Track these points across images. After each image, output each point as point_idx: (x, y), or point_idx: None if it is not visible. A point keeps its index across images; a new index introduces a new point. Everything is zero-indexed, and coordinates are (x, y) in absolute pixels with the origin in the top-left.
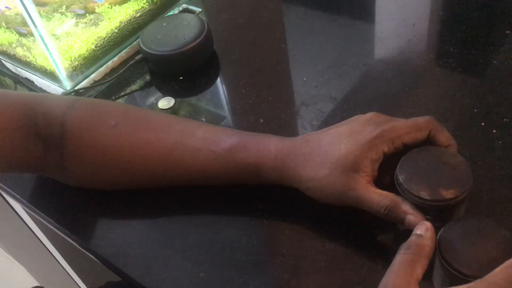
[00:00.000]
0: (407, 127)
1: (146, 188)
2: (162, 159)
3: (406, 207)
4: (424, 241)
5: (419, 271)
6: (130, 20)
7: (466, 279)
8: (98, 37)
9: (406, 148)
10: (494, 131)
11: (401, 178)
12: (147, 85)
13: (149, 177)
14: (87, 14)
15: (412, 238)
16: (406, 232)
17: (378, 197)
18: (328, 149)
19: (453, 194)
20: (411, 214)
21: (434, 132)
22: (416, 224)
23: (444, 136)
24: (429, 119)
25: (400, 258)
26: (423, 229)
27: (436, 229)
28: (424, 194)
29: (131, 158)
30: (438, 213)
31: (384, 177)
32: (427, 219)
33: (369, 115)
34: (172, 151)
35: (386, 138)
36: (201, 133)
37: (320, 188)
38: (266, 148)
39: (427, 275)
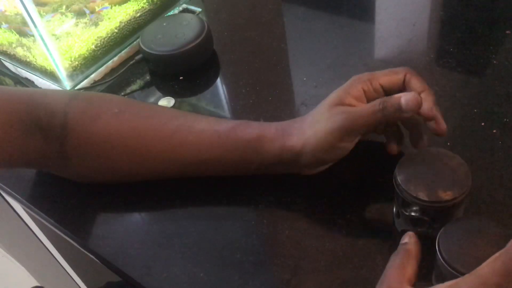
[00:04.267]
0: (383, 71)
1: (149, 179)
2: (165, 141)
3: (397, 95)
4: (409, 246)
5: (409, 271)
6: (130, 20)
7: None
8: (98, 37)
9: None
10: (494, 131)
11: (399, 178)
12: (147, 85)
13: (153, 162)
14: (87, 14)
15: (399, 247)
16: (405, 232)
17: (369, 105)
18: (317, 108)
19: (451, 196)
20: (403, 96)
21: (409, 76)
22: (413, 100)
23: (418, 81)
24: (404, 67)
25: (390, 263)
26: (406, 238)
27: (435, 230)
28: (422, 195)
29: (134, 143)
30: (436, 214)
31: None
32: (426, 220)
33: None
34: (175, 132)
35: (364, 79)
36: (204, 118)
37: (315, 144)
38: (267, 124)
39: (427, 275)
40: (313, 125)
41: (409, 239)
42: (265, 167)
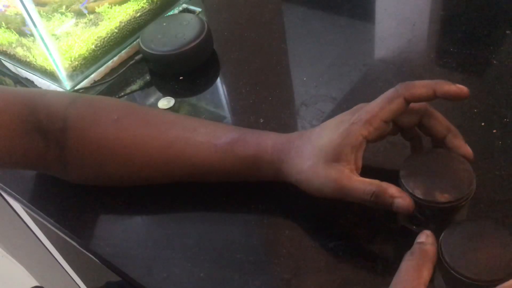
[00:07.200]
0: (378, 103)
1: (146, 185)
2: (163, 151)
3: (392, 190)
4: (426, 246)
5: (425, 274)
6: (130, 20)
7: (469, 282)
8: (98, 37)
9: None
10: (494, 131)
11: (401, 173)
12: (147, 85)
13: (150, 171)
14: (87, 14)
15: (414, 246)
16: (404, 228)
17: (363, 185)
18: (315, 141)
19: (446, 199)
20: (398, 198)
21: (411, 91)
22: (405, 206)
23: (421, 88)
24: (397, 86)
25: (406, 264)
26: (423, 237)
27: (432, 231)
28: (418, 193)
29: (132, 151)
30: (432, 214)
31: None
32: (423, 220)
33: (356, 106)
34: (173, 143)
35: (362, 122)
36: (203, 128)
37: (307, 180)
38: (264, 142)
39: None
40: (308, 169)
41: (426, 239)
42: (264, 180)
